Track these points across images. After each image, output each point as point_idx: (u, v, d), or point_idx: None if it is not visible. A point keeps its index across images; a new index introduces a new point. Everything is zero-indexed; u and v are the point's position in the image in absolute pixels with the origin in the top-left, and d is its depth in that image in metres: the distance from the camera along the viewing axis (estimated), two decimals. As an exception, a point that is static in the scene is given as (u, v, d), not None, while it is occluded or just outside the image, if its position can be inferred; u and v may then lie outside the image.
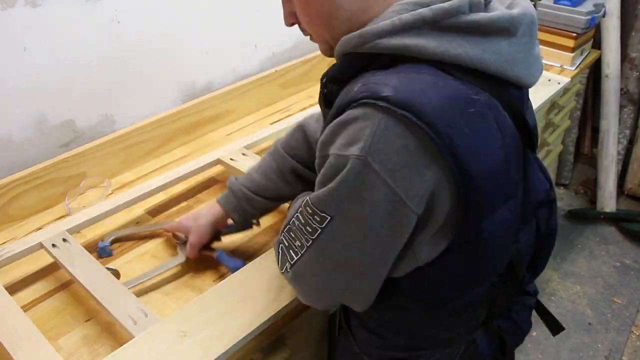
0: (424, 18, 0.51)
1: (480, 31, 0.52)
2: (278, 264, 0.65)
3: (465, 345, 0.72)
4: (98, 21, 1.06)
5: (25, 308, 0.83)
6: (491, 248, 0.58)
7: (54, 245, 0.87)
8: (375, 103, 0.49)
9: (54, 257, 0.86)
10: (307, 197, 0.56)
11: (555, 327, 0.82)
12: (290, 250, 0.61)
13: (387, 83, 0.50)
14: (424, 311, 0.66)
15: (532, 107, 0.65)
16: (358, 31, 0.54)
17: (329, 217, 0.53)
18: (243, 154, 1.11)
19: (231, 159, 1.09)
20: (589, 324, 1.73)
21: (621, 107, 2.06)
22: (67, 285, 0.86)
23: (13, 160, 1.03)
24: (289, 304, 0.76)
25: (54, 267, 0.89)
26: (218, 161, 1.09)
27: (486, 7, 0.55)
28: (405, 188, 0.49)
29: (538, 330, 1.69)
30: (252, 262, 0.83)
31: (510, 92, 0.56)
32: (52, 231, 0.90)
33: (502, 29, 0.53)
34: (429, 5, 0.52)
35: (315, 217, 0.54)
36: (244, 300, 0.76)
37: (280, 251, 0.63)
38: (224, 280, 0.80)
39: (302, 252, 0.58)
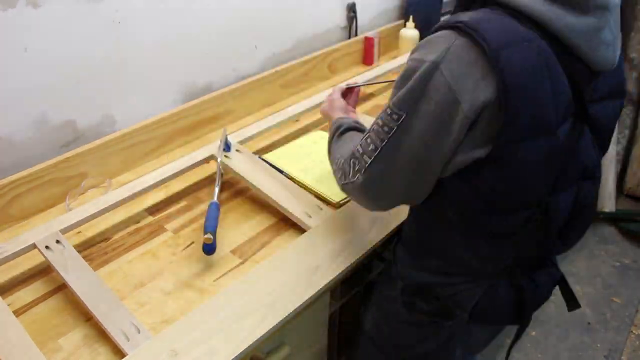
0: None
1: None
2: (347, 176, 0.74)
3: (487, 287, 0.79)
4: (99, 22, 1.06)
5: (26, 307, 0.83)
6: (523, 171, 0.65)
7: (47, 247, 0.87)
8: (454, 25, 0.61)
9: (47, 260, 0.86)
10: (390, 101, 0.66)
11: (572, 303, 0.89)
12: (364, 156, 0.70)
13: (467, 14, 0.63)
14: (458, 232, 0.74)
15: (613, 111, 0.74)
16: None
17: (404, 114, 0.64)
18: (237, 150, 1.12)
19: (225, 156, 1.10)
20: (588, 323, 1.73)
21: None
22: (67, 285, 0.87)
23: (14, 161, 1.03)
24: (278, 322, 0.77)
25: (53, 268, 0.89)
26: (212, 157, 1.11)
27: None
28: (463, 92, 0.60)
29: (537, 329, 1.69)
30: (244, 278, 0.83)
31: (573, 62, 0.64)
32: (45, 231, 0.90)
33: (572, 2, 0.61)
34: None
35: (393, 115, 0.65)
36: (234, 318, 0.77)
37: (352, 162, 0.73)
38: (214, 296, 0.80)
39: (377, 153, 0.68)
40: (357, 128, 0.86)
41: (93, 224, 0.99)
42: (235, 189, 1.10)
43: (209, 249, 0.89)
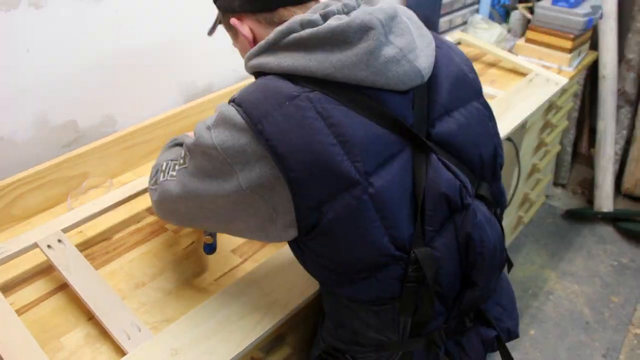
0: (268, 41, 0.64)
1: (308, 45, 0.61)
2: (150, 180, 0.81)
3: (400, 355, 0.72)
4: (100, 22, 1.07)
5: (28, 307, 0.83)
6: (337, 233, 0.61)
7: (49, 247, 0.87)
8: (230, 101, 0.64)
9: (49, 259, 0.86)
10: (189, 142, 0.68)
11: None
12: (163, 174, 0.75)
13: (249, 87, 0.63)
14: (343, 303, 0.71)
15: (467, 116, 0.68)
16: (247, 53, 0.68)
17: (189, 157, 0.67)
18: None
19: None
20: (587, 322, 1.74)
21: (618, 107, 2.07)
22: (69, 284, 0.87)
23: (15, 161, 1.03)
24: (277, 322, 0.77)
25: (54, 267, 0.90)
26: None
27: (327, 21, 0.62)
28: (229, 154, 0.60)
29: (536, 329, 1.70)
30: (242, 278, 0.84)
31: (376, 96, 0.61)
32: (47, 230, 0.90)
33: (328, 39, 0.60)
34: (289, 29, 0.62)
35: (186, 156, 0.68)
36: (234, 318, 0.77)
37: (155, 170, 0.79)
38: (214, 296, 0.81)
39: (170, 178, 0.72)
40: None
41: (94, 224, 1.00)
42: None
43: (210, 249, 0.90)
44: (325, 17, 0.63)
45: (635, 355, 1.64)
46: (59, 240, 0.89)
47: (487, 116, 0.73)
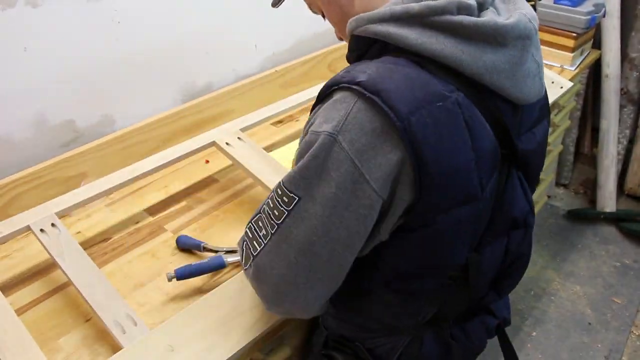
0: (409, 11, 0.54)
1: (463, 33, 0.54)
2: (242, 261, 0.64)
3: (410, 339, 0.72)
4: (98, 21, 1.06)
5: (25, 308, 0.83)
6: (441, 242, 0.58)
7: (42, 230, 0.85)
8: (351, 87, 0.52)
9: (42, 244, 0.84)
10: (280, 181, 0.57)
11: (510, 357, 0.80)
12: (254, 242, 0.60)
13: (365, 71, 0.54)
14: (373, 293, 0.66)
15: (542, 134, 0.67)
16: (356, 16, 0.58)
17: (297, 198, 0.54)
18: (239, 138, 1.09)
19: (227, 143, 1.07)
20: (589, 324, 1.73)
21: (621, 107, 2.06)
22: (67, 285, 0.86)
23: (13, 160, 1.03)
24: (276, 320, 0.75)
25: (53, 266, 0.89)
26: (213, 144, 1.08)
27: (483, 11, 0.57)
28: (370, 169, 0.51)
29: (538, 330, 1.69)
30: (239, 274, 0.82)
31: (496, 103, 0.57)
32: (41, 213, 0.88)
33: (487, 36, 0.54)
34: (420, 1, 0.55)
35: (284, 198, 0.55)
36: (233, 315, 0.76)
37: (244, 247, 0.63)
38: (212, 292, 0.79)
39: (266, 241, 0.58)
40: None
41: (93, 224, 0.99)
42: (235, 189, 1.09)
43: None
44: (480, 5, 0.56)
45: (637, 356, 1.63)
46: (53, 225, 0.87)
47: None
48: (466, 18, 0.54)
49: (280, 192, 0.56)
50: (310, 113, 0.59)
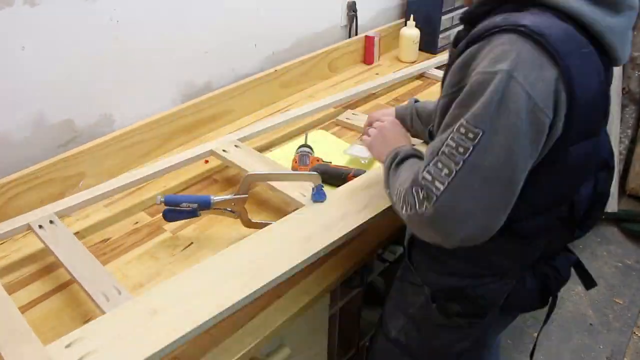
0: None
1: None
2: (413, 206, 0.66)
3: (515, 282, 0.80)
4: (96, 20, 1.06)
5: (24, 308, 0.82)
6: (568, 174, 0.68)
7: (40, 227, 0.87)
8: (517, 29, 0.60)
9: (40, 238, 0.86)
10: (461, 119, 0.62)
11: (588, 282, 0.92)
12: (436, 182, 0.64)
13: (524, 17, 0.62)
14: (491, 241, 0.68)
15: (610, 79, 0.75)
16: None
17: (482, 132, 0.60)
18: (235, 146, 1.10)
19: (223, 150, 1.09)
20: (591, 324, 1.72)
21: (623, 106, 2.05)
22: (66, 285, 0.86)
23: (12, 160, 1.02)
24: (260, 288, 0.75)
25: (53, 267, 0.89)
26: (211, 152, 1.10)
27: None
28: (541, 98, 0.59)
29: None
30: (228, 248, 0.82)
31: (604, 60, 0.67)
32: (40, 213, 0.90)
33: (610, 3, 0.64)
34: None
35: (469, 134, 0.61)
36: (217, 282, 0.75)
37: (419, 191, 0.66)
38: (198, 264, 0.79)
39: (451, 177, 0.63)
40: (417, 155, 0.80)
41: (92, 225, 0.99)
42: (235, 189, 1.09)
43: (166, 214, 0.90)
44: None
45: (639, 357, 1.62)
46: (51, 222, 0.88)
47: None
48: None
49: (464, 130, 0.62)
50: (448, 63, 0.71)
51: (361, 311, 1.15)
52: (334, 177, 1.04)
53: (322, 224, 0.87)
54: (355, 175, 1.02)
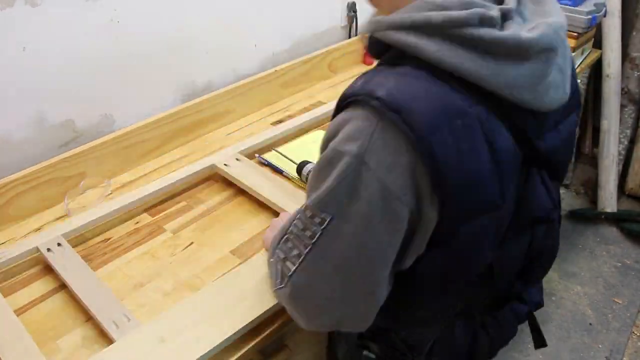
0: (430, 21, 0.53)
1: (483, 48, 0.52)
2: (274, 280, 0.65)
3: (442, 330, 0.74)
4: (97, 21, 1.06)
5: (24, 309, 0.83)
6: (467, 251, 0.59)
7: (49, 250, 0.88)
8: (369, 102, 0.52)
9: (48, 262, 0.87)
10: (306, 202, 0.58)
11: (538, 340, 0.84)
12: (287, 262, 0.61)
13: (384, 84, 0.53)
14: (402, 295, 0.66)
15: (568, 130, 0.65)
16: (377, 17, 0.57)
17: (330, 217, 0.55)
18: (237, 159, 1.11)
19: (225, 164, 1.09)
20: (590, 324, 1.72)
21: (622, 106, 2.06)
22: (66, 286, 0.86)
23: (12, 160, 1.02)
24: (264, 312, 0.76)
25: (52, 268, 0.89)
26: (212, 167, 1.10)
27: (507, 21, 0.54)
28: (397, 185, 0.52)
29: (539, 330, 1.69)
30: (233, 271, 0.84)
31: (517, 111, 0.56)
32: (48, 235, 0.91)
33: (508, 51, 0.52)
34: (445, 10, 0.53)
35: (315, 219, 0.57)
36: (223, 307, 0.77)
37: (276, 267, 0.64)
38: (205, 287, 0.81)
39: (300, 260, 0.59)
40: None
41: (92, 225, 0.99)
42: (235, 189, 1.09)
43: None
44: (504, 15, 0.54)
45: (638, 357, 1.62)
46: (59, 244, 0.89)
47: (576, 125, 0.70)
48: (487, 32, 0.52)
49: (310, 214, 0.57)
50: (331, 120, 0.60)
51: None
52: None
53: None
54: None
